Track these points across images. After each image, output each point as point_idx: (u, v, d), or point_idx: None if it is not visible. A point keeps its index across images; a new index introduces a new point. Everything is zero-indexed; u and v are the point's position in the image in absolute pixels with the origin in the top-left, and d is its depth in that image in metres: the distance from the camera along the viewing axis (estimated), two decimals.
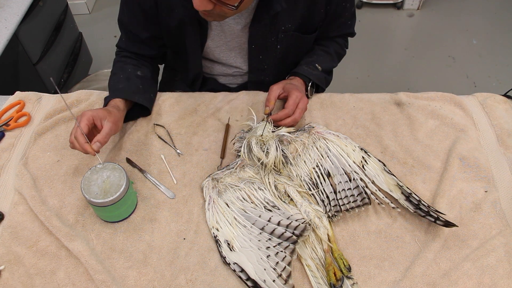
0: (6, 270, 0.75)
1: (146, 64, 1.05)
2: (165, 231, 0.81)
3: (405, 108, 1.02)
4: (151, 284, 0.74)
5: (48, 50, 1.80)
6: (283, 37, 1.00)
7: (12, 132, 0.98)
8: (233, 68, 1.11)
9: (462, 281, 0.73)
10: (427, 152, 0.93)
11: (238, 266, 0.74)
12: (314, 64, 1.03)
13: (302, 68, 1.02)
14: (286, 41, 1.01)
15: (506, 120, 0.98)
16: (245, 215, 0.80)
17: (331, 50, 1.08)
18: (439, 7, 2.85)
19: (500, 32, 2.66)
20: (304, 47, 1.08)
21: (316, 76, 1.01)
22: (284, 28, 0.98)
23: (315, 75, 1.01)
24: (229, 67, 1.11)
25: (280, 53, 1.04)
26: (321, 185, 0.85)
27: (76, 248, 0.77)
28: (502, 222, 0.80)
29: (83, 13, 2.86)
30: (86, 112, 0.83)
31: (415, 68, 2.44)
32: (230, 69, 1.11)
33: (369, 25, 2.75)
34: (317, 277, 0.74)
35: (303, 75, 1.01)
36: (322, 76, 1.04)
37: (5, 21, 1.45)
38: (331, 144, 0.90)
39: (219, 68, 1.12)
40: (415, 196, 0.81)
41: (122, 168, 0.79)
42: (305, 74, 1.01)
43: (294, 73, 1.03)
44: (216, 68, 1.12)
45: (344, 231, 0.81)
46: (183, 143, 0.96)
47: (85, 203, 0.85)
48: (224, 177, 0.86)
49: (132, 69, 1.00)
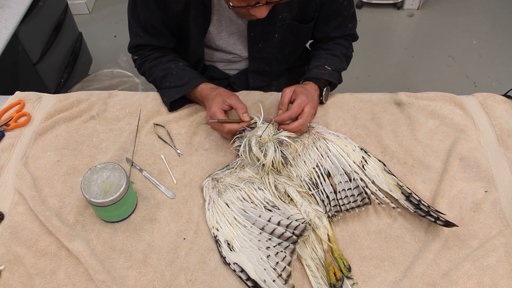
0: (6, 270, 0.75)
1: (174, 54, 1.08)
2: (165, 231, 0.81)
3: (405, 108, 1.02)
4: (151, 284, 0.74)
5: (48, 50, 1.80)
6: (281, 26, 1.01)
7: (12, 132, 0.98)
8: (232, 54, 1.12)
9: (462, 281, 0.73)
10: (427, 152, 0.93)
11: (238, 266, 0.74)
12: (324, 66, 1.03)
13: (312, 72, 1.02)
14: (284, 30, 1.02)
15: (506, 120, 0.98)
16: (245, 215, 0.80)
17: (337, 52, 1.08)
18: (439, 7, 2.85)
19: (500, 32, 2.66)
20: (302, 37, 1.09)
21: (328, 75, 1.01)
22: (281, 17, 0.99)
23: (326, 74, 1.01)
24: (228, 54, 1.12)
25: (278, 42, 1.05)
26: (321, 185, 0.85)
27: (76, 248, 0.77)
28: (502, 222, 0.80)
29: (83, 13, 2.86)
30: (217, 103, 0.90)
31: (415, 68, 2.44)
32: (229, 55, 1.13)
33: (369, 25, 2.75)
34: (317, 277, 0.74)
35: (314, 78, 1.00)
36: (334, 74, 1.03)
37: (5, 21, 1.45)
38: (331, 144, 0.90)
39: (219, 55, 1.13)
40: (415, 196, 0.81)
41: (122, 168, 0.79)
42: (316, 77, 1.00)
43: (306, 78, 1.02)
44: (216, 54, 1.13)
45: (344, 231, 0.81)
46: (183, 143, 0.96)
47: (85, 203, 0.85)
48: (224, 177, 0.86)
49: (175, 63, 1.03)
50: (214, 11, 1.00)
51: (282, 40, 1.05)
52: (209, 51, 1.13)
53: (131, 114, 1.02)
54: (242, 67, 1.17)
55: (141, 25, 1.02)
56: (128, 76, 1.90)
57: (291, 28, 1.03)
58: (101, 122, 1.00)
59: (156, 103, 1.04)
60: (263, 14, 0.82)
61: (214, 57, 1.14)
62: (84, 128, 0.99)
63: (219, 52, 1.13)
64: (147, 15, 0.99)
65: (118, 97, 1.06)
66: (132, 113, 1.02)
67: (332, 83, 1.03)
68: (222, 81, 1.19)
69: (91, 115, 1.01)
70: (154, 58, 1.05)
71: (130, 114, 1.02)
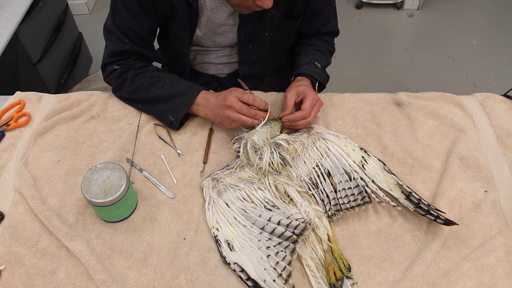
0: (6, 270, 0.76)
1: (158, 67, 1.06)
2: (165, 231, 0.81)
3: (405, 108, 1.02)
4: (151, 284, 0.74)
5: (48, 50, 1.80)
6: (270, 24, 1.01)
7: (12, 132, 0.98)
8: (221, 57, 1.12)
9: (462, 281, 0.73)
10: (427, 152, 0.93)
11: (238, 266, 0.74)
12: (314, 62, 1.04)
13: (304, 68, 1.02)
14: (273, 27, 1.03)
15: (506, 120, 0.98)
16: (245, 215, 0.80)
17: (323, 48, 1.10)
18: (439, 7, 2.85)
19: (500, 32, 2.66)
20: (290, 34, 1.10)
21: (319, 74, 1.02)
22: (270, 14, 0.99)
23: (317, 73, 1.02)
24: (217, 57, 1.13)
25: (268, 41, 1.05)
26: (321, 184, 0.85)
27: (76, 248, 0.77)
28: (502, 222, 0.80)
29: (83, 13, 2.86)
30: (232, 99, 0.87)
31: (415, 68, 2.44)
32: (218, 58, 1.13)
33: (369, 25, 2.75)
34: (317, 277, 0.74)
35: (308, 75, 1.01)
36: (323, 73, 1.05)
37: (5, 21, 1.45)
38: (330, 144, 0.91)
39: (207, 58, 1.13)
40: (415, 195, 0.81)
41: (122, 168, 0.79)
42: (309, 74, 1.01)
43: (299, 74, 1.03)
44: (204, 58, 1.14)
45: (344, 231, 0.81)
46: (183, 143, 0.96)
47: (85, 203, 0.85)
48: (224, 177, 0.86)
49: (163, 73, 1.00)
50: (202, 14, 0.99)
51: (272, 39, 1.06)
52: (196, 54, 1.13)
53: (131, 114, 1.02)
54: (232, 69, 1.17)
55: (124, 33, 0.96)
56: None
57: (280, 26, 1.03)
58: (101, 122, 1.00)
59: None
60: (270, 4, 0.82)
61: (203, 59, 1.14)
62: (84, 128, 0.99)
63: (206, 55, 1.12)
64: (131, 21, 0.95)
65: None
66: (132, 113, 1.02)
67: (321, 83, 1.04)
68: (214, 83, 1.19)
69: (91, 115, 1.01)
70: (140, 67, 1.00)
71: (130, 114, 1.02)
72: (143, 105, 0.99)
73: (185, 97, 0.94)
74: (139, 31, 0.97)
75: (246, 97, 0.87)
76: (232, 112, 0.88)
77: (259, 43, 1.06)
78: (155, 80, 0.97)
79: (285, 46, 1.12)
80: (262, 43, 1.06)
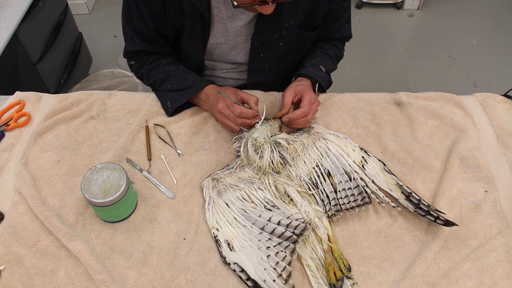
0: (6, 270, 0.75)
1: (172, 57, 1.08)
2: (165, 231, 0.81)
3: (405, 108, 1.02)
4: (151, 284, 0.74)
5: (48, 50, 1.81)
6: (286, 34, 1.00)
7: (12, 132, 0.98)
8: (232, 65, 1.11)
9: (462, 281, 0.73)
10: (427, 152, 0.93)
11: (238, 266, 0.74)
12: (319, 66, 1.03)
13: (308, 70, 1.02)
14: (289, 38, 1.01)
15: (506, 120, 0.98)
16: (245, 215, 0.80)
17: (331, 53, 1.09)
18: (439, 7, 2.85)
19: (500, 32, 2.66)
20: (305, 45, 1.08)
21: (322, 78, 1.02)
22: (287, 25, 0.98)
23: (320, 76, 1.02)
24: (227, 66, 1.11)
25: (282, 51, 1.04)
26: (321, 184, 0.85)
27: (76, 248, 0.77)
28: (502, 222, 0.80)
29: (83, 13, 2.86)
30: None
31: (415, 68, 2.44)
32: (228, 67, 1.12)
33: (369, 25, 2.75)
34: (317, 277, 0.74)
35: (310, 76, 1.01)
36: (326, 78, 1.05)
37: (5, 21, 1.45)
38: (331, 144, 0.90)
39: (219, 66, 1.12)
40: (415, 196, 0.81)
41: (122, 168, 0.79)
42: (312, 76, 1.01)
43: (301, 75, 1.02)
44: (216, 66, 1.12)
45: (344, 231, 0.81)
46: (183, 143, 0.96)
47: (85, 203, 0.85)
48: (224, 177, 0.86)
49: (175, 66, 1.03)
50: (214, 22, 0.99)
51: (286, 49, 1.04)
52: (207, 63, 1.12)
53: (131, 114, 1.02)
54: (242, 81, 1.16)
55: (136, 32, 1.00)
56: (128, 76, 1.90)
57: (296, 36, 1.02)
58: (101, 122, 1.00)
59: (157, 103, 1.04)
60: (269, 11, 0.82)
61: (213, 69, 1.13)
62: (84, 128, 0.99)
63: (218, 64, 1.12)
64: (141, 23, 0.97)
65: (118, 97, 1.06)
66: (132, 113, 1.02)
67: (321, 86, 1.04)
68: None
69: (91, 115, 1.01)
70: (152, 61, 1.04)
71: (130, 114, 1.02)
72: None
73: (186, 91, 1.00)
74: (149, 33, 0.99)
75: (234, 108, 0.90)
76: (222, 117, 0.93)
77: (272, 52, 1.04)
78: (166, 75, 1.02)
79: (297, 56, 1.10)
80: (275, 53, 1.04)
